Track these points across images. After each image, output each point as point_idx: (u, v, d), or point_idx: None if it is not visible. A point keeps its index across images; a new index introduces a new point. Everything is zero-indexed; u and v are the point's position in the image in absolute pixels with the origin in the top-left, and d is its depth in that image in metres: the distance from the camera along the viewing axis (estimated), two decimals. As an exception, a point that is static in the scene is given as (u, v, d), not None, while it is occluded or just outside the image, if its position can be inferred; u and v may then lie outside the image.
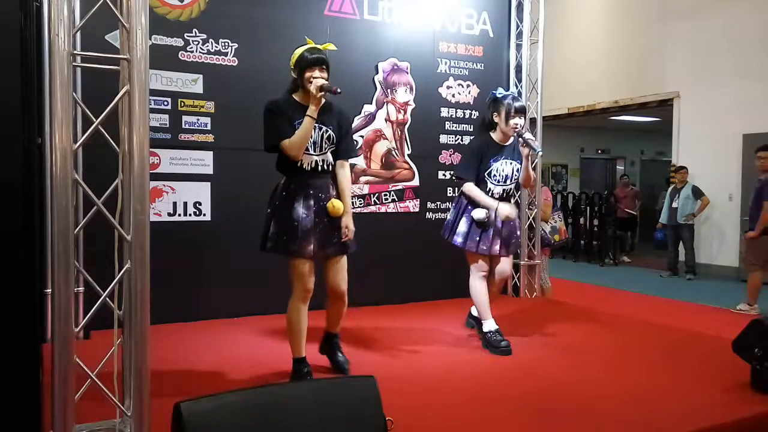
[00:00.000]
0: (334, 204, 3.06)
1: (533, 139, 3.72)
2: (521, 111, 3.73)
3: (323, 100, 3.00)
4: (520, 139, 3.70)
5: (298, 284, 3.09)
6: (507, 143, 3.84)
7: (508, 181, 3.82)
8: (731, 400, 3.01)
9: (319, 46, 3.13)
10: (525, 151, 3.71)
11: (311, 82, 2.98)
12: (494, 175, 3.79)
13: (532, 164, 3.85)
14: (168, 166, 4.43)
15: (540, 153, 3.84)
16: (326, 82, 2.99)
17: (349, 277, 3.43)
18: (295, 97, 3.11)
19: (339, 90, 2.92)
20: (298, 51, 3.09)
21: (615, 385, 3.25)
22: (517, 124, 3.71)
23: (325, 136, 3.09)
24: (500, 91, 3.85)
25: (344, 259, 3.22)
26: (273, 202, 3.11)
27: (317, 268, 3.19)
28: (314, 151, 3.06)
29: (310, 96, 2.97)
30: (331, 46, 3.21)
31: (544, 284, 5.97)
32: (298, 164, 3.05)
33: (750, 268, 6.00)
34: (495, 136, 3.84)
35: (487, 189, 3.80)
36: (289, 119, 3.02)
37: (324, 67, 3.02)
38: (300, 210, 3.02)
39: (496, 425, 2.74)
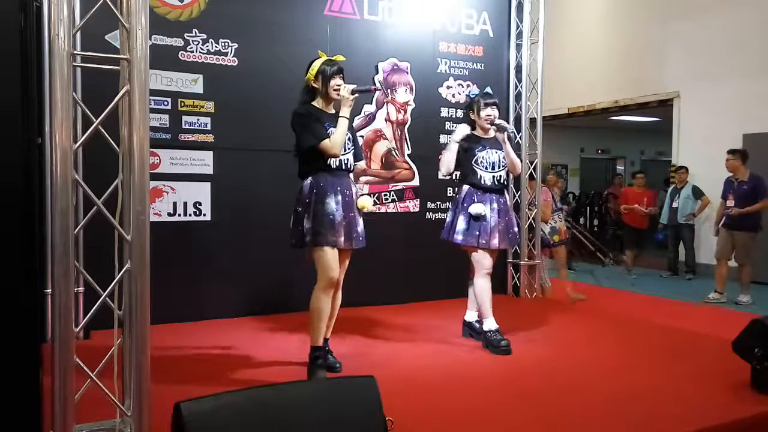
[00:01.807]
0: (365, 201, 3.38)
1: (504, 122, 3.96)
2: (491, 104, 3.94)
3: (353, 102, 3.30)
4: (493, 126, 3.90)
5: (327, 273, 3.26)
6: (487, 136, 4.01)
7: (497, 168, 3.94)
8: (731, 400, 3.01)
9: (332, 58, 3.36)
10: (501, 135, 3.92)
11: (336, 89, 3.28)
12: (481, 162, 3.92)
13: (518, 151, 4.01)
14: (168, 166, 4.43)
15: (512, 131, 3.98)
16: (355, 85, 3.29)
17: (349, 277, 3.46)
18: (316, 104, 3.35)
19: (377, 87, 3.27)
20: (317, 64, 3.32)
21: (615, 385, 3.25)
22: (489, 115, 3.90)
23: (347, 137, 3.35)
24: (474, 91, 4.14)
25: (349, 255, 3.44)
26: (303, 201, 3.29)
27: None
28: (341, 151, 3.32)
29: (342, 100, 3.27)
30: (341, 57, 3.43)
31: (544, 284, 5.97)
32: (328, 163, 3.27)
33: (746, 263, 6.61)
34: (477, 132, 4.02)
35: (479, 177, 3.92)
36: (321, 123, 3.27)
37: (342, 74, 3.32)
38: (332, 204, 3.25)
39: (496, 425, 2.74)
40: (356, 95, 3.26)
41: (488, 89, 4.11)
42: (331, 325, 3.46)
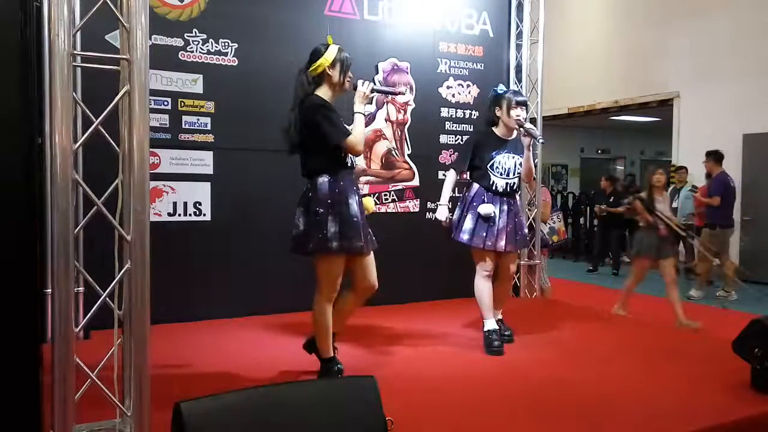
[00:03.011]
0: (371, 202, 3.23)
1: (534, 128, 3.78)
2: (522, 103, 3.80)
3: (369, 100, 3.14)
4: (521, 129, 3.74)
5: (333, 284, 3.08)
6: (510, 137, 3.88)
7: (511, 174, 3.85)
8: (731, 400, 3.01)
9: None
10: (526, 140, 3.76)
11: (349, 81, 3.11)
12: (497, 168, 3.82)
13: (534, 158, 3.87)
14: (168, 166, 4.43)
15: (541, 141, 3.88)
16: (374, 84, 3.14)
17: (348, 277, 3.45)
18: (321, 94, 3.11)
19: (403, 91, 3.06)
20: (333, 51, 3.10)
21: (615, 385, 3.25)
22: (519, 116, 3.76)
23: None
24: (501, 87, 3.94)
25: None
26: (323, 201, 2.99)
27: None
28: None
29: (358, 96, 3.09)
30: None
31: (544, 284, 5.97)
32: (346, 161, 3.08)
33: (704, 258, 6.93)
34: (498, 131, 3.90)
35: (491, 182, 3.83)
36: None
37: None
38: (355, 206, 3.06)
39: (496, 425, 2.74)
40: (374, 94, 3.08)
41: (515, 87, 4.03)
42: (343, 325, 3.37)
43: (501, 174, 3.82)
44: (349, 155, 3.14)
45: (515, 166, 3.84)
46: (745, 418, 2.82)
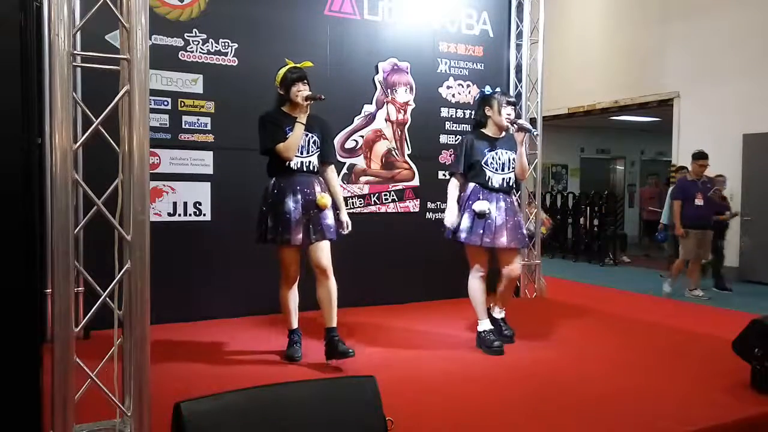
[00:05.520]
0: (323, 197, 3.47)
1: (525, 122, 3.96)
2: (512, 103, 3.92)
3: (309, 108, 3.47)
4: (514, 125, 3.83)
5: (284, 270, 3.56)
6: (500, 136, 3.94)
7: (506, 169, 3.88)
8: (731, 400, 3.01)
9: (298, 65, 3.53)
10: (520, 136, 3.83)
11: (297, 96, 3.45)
12: (491, 164, 3.87)
13: (534, 157, 3.93)
14: (168, 166, 4.43)
15: (536, 133, 4.11)
16: (310, 92, 3.45)
17: (349, 276, 3.47)
18: (284, 109, 3.54)
19: (323, 96, 3.41)
20: (281, 72, 3.52)
21: (615, 385, 3.25)
22: (509, 114, 3.85)
23: (311, 141, 3.53)
24: (488, 89, 4.02)
25: (326, 244, 3.52)
26: (266, 200, 3.52)
27: (303, 257, 3.57)
28: (301, 154, 3.48)
29: (299, 106, 3.44)
30: (308, 63, 3.59)
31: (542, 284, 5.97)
32: (287, 165, 3.45)
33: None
34: (488, 131, 3.95)
35: (486, 178, 3.86)
36: (281, 127, 3.45)
37: (305, 81, 3.48)
38: (290, 204, 3.43)
39: (496, 425, 2.74)
40: (309, 102, 3.41)
41: (498, 89, 4.08)
42: (333, 313, 3.48)
43: (495, 169, 3.86)
44: (306, 160, 3.47)
45: (509, 161, 3.88)
46: (745, 418, 2.83)
